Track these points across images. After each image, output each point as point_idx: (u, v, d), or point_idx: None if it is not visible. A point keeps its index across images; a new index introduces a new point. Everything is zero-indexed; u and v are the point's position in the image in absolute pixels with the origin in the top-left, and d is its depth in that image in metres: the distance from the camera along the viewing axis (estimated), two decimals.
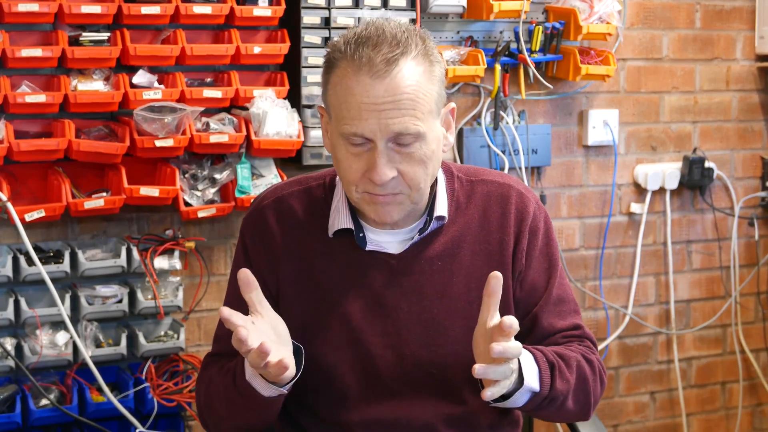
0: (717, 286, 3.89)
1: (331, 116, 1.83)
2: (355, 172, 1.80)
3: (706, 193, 3.79)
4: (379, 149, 1.77)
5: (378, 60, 1.76)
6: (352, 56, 1.77)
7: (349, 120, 1.77)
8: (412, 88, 1.77)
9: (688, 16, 3.70)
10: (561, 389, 1.84)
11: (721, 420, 3.97)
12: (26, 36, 2.82)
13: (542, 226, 1.97)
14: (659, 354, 3.83)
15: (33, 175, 2.88)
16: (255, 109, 2.93)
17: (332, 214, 1.93)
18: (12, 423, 2.78)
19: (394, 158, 1.79)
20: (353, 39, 1.79)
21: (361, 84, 1.76)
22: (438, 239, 1.92)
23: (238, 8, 2.92)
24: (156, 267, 2.91)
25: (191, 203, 2.93)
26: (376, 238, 1.91)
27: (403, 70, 1.76)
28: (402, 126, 1.76)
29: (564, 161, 3.57)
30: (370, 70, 1.76)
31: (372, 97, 1.75)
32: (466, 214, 1.94)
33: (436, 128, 1.83)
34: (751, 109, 3.85)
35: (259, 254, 1.95)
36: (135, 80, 2.87)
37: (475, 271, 1.91)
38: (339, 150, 1.82)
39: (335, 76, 1.80)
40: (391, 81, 1.76)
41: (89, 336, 2.88)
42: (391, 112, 1.76)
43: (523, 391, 1.79)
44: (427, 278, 1.90)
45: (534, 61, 3.32)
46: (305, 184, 1.99)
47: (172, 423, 3.01)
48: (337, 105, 1.80)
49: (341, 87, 1.79)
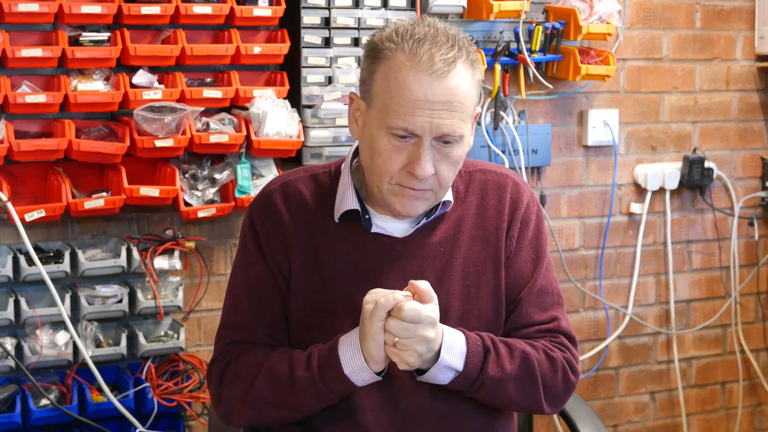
0: (717, 286, 3.89)
1: (373, 105, 1.86)
2: (395, 164, 1.84)
3: (706, 193, 3.79)
4: (425, 145, 1.82)
5: (438, 59, 1.80)
6: (411, 51, 1.81)
7: (401, 114, 1.81)
8: (464, 92, 1.83)
9: (688, 16, 3.70)
10: (493, 375, 1.88)
11: (721, 420, 3.97)
12: (26, 36, 2.82)
13: (534, 218, 2.02)
14: (659, 354, 3.83)
15: (33, 175, 2.88)
16: (255, 109, 2.93)
17: (338, 197, 1.96)
18: (12, 423, 2.78)
19: (435, 157, 1.84)
20: (408, 34, 1.83)
21: (419, 81, 1.80)
22: (440, 226, 1.97)
23: (238, 8, 2.92)
24: (156, 267, 2.92)
25: (191, 203, 2.93)
26: (381, 223, 1.95)
27: (459, 73, 1.82)
28: (451, 128, 1.82)
29: (564, 161, 3.57)
30: (429, 68, 1.80)
31: (429, 95, 1.80)
32: (465, 202, 1.99)
33: (470, 131, 1.90)
34: (751, 109, 3.85)
35: (270, 236, 1.97)
36: (135, 80, 2.87)
37: (471, 255, 1.97)
38: (379, 141, 1.85)
39: (387, 66, 1.83)
40: (448, 83, 1.80)
41: (89, 336, 2.88)
42: (444, 113, 1.81)
43: (440, 367, 1.85)
44: (429, 263, 1.95)
45: (534, 61, 3.32)
46: (311, 171, 2.03)
47: (172, 423, 3.01)
48: (387, 97, 1.83)
49: (395, 80, 1.81)
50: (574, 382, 1.99)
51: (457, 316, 1.94)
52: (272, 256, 1.96)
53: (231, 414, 1.97)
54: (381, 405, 1.91)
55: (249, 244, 2.00)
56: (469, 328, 1.93)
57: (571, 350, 2.00)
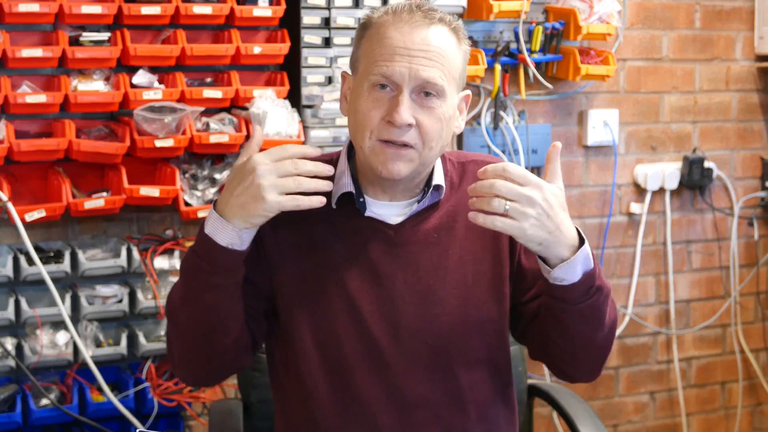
0: (717, 286, 3.89)
1: (359, 69, 1.90)
2: (375, 116, 1.86)
3: (706, 193, 3.79)
4: (404, 93, 1.84)
5: (418, 14, 1.87)
6: (393, 11, 1.88)
7: (381, 62, 1.85)
8: (445, 46, 1.87)
9: (688, 16, 3.70)
10: (605, 286, 1.85)
11: (720, 420, 3.97)
12: (26, 36, 2.82)
13: None
14: (659, 354, 3.83)
15: (33, 175, 2.88)
16: (255, 109, 2.93)
17: (335, 180, 1.96)
18: (12, 423, 2.78)
19: (415, 108, 1.85)
20: (393, 4, 1.91)
21: (399, 30, 1.85)
22: (434, 214, 1.97)
23: (238, 8, 2.92)
24: (156, 267, 2.92)
25: (191, 203, 2.93)
26: (375, 209, 1.96)
27: (441, 31, 1.88)
28: (430, 74, 1.84)
29: (564, 161, 3.57)
30: (409, 20, 1.86)
31: (408, 42, 1.84)
32: (460, 191, 2.00)
33: (455, 98, 1.91)
34: (750, 109, 3.85)
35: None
36: (135, 80, 2.87)
37: (468, 245, 1.97)
38: (361, 97, 1.88)
39: (372, 30, 1.90)
40: (426, 33, 1.86)
41: (89, 336, 2.88)
42: (423, 60, 1.84)
43: (581, 258, 1.79)
44: (424, 250, 1.95)
45: (534, 61, 3.32)
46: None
47: (172, 423, 3.01)
48: (369, 52, 1.88)
49: (377, 36, 1.88)
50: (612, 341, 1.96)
51: (454, 305, 1.93)
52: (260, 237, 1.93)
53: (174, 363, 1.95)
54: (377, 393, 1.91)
55: None
56: (468, 316, 1.93)
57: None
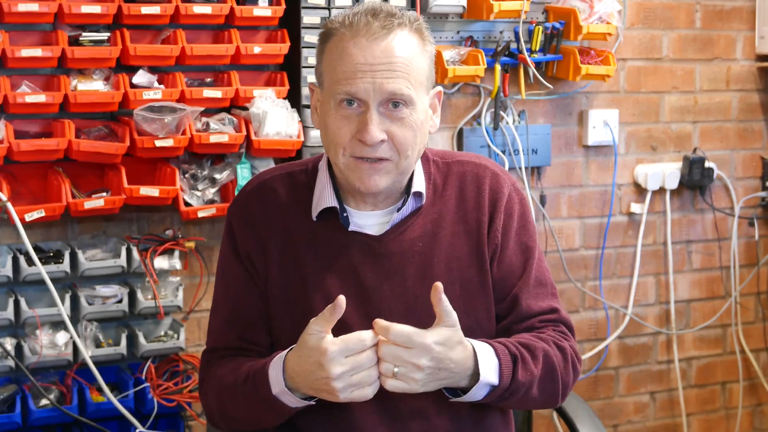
0: (717, 286, 3.89)
1: (324, 85, 1.88)
2: (345, 134, 1.84)
3: (706, 193, 3.79)
4: (372, 110, 1.81)
5: (375, 25, 1.82)
6: (350, 23, 1.83)
7: (343, 81, 1.82)
8: (407, 54, 1.83)
9: (688, 16, 3.70)
10: (523, 381, 1.85)
11: (721, 420, 3.97)
12: (26, 36, 2.82)
13: (518, 208, 1.99)
14: (659, 354, 3.83)
15: (33, 175, 2.88)
16: (255, 109, 2.93)
17: (316, 194, 1.95)
18: (12, 423, 2.78)
19: (385, 122, 1.83)
20: (349, 12, 1.86)
21: (358, 46, 1.81)
22: (417, 221, 1.94)
23: (238, 8, 2.92)
24: (156, 267, 2.92)
25: (191, 203, 2.93)
26: (357, 220, 1.94)
27: (399, 37, 1.83)
28: (396, 86, 1.81)
29: (564, 161, 3.57)
30: (367, 33, 1.82)
31: (368, 57, 1.81)
32: (444, 196, 1.97)
33: (425, 101, 1.88)
34: (751, 109, 3.85)
35: (247, 237, 1.97)
36: (135, 80, 2.87)
37: (454, 251, 1.94)
38: (329, 116, 1.85)
39: (331, 44, 1.86)
40: (387, 45, 1.82)
41: (89, 336, 2.88)
42: (386, 73, 1.81)
43: (481, 386, 1.82)
44: (408, 259, 1.92)
45: (534, 61, 3.32)
46: (288, 169, 2.03)
47: (172, 423, 3.01)
48: (332, 69, 1.84)
49: (337, 51, 1.83)
50: (579, 370, 1.98)
51: None
52: (248, 257, 1.95)
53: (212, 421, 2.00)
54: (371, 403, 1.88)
55: (227, 248, 2.00)
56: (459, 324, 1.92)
57: (572, 339, 1.98)
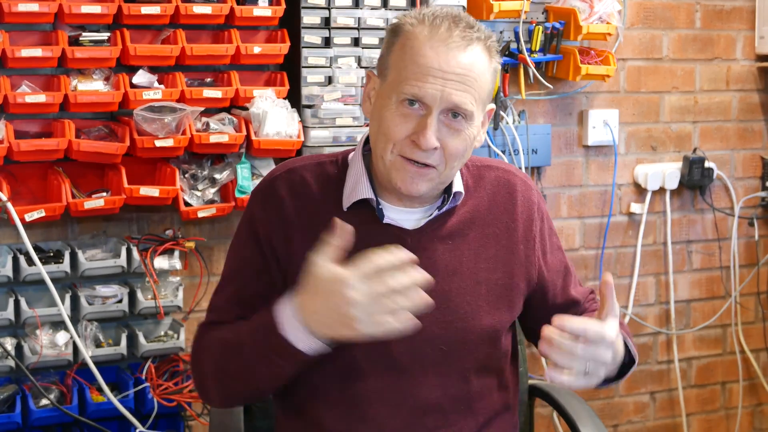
0: (717, 286, 3.89)
1: (388, 77, 1.86)
2: (400, 132, 1.83)
3: (706, 193, 3.79)
4: (433, 116, 1.82)
5: (456, 34, 1.83)
6: (431, 24, 1.83)
7: (413, 81, 1.82)
8: (479, 71, 1.84)
9: (688, 16, 3.70)
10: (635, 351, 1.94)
11: (721, 420, 3.97)
12: (26, 36, 2.82)
13: (545, 210, 2.07)
14: (659, 354, 3.83)
15: (33, 175, 2.88)
16: (255, 109, 2.93)
17: (349, 186, 1.94)
18: (12, 423, 2.78)
19: (442, 129, 1.84)
20: (431, 12, 1.86)
21: (435, 50, 1.81)
22: (450, 219, 1.96)
23: (238, 8, 2.92)
24: (156, 267, 2.92)
25: (191, 203, 2.93)
26: (392, 214, 1.94)
27: (475, 51, 1.84)
28: (461, 100, 1.82)
29: (564, 161, 3.57)
30: (446, 39, 1.82)
31: (443, 64, 1.81)
32: (475, 197, 1.99)
33: (480, 117, 1.90)
34: (751, 109, 3.85)
35: (270, 225, 1.93)
36: (135, 80, 2.87)
37: (483, 252, 1.96)
38: (387, 109, 1.84)
39: (405, 37, 1.85)
40: (463, 56, 1.82)
41: (89, 336, 2.88)
42: (456, 84, 1.81)
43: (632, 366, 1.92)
44: (440, 255, 1.93)
45: (534, 61, 3.32)
46: (317, 159, 2.01)
47: (172, 423, 3.01)
48: (401, 65, 1.84)
49: (411, 48, 1.83)
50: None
51: (468, 312, 1.92)
52: (269, 243, 1.92)
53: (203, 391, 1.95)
54: (387, 397, 1.89)
55: (243, 230, 1.97)
56: (480, 324, 1.93)
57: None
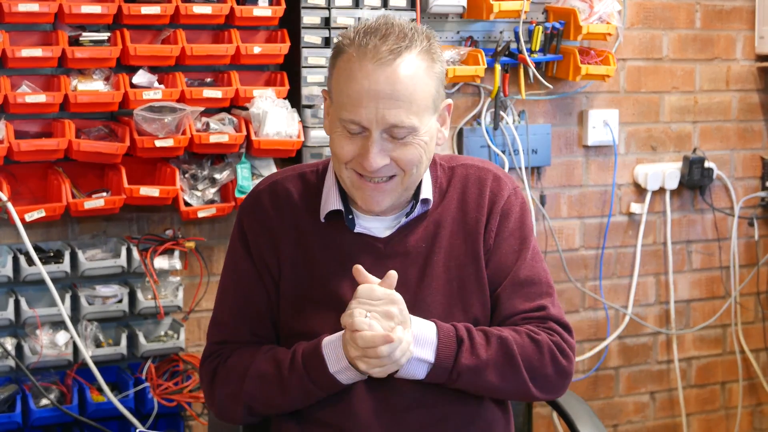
0: (717, 286, 3.89)
1: (333, 99, 1.91)
2: (347, 154, 1.88)
3: (706, 193, 3.79)
4: (373, 138, 1.85)
5: (383, 49, 1.83)
6: (359, 43, 1.85)
7: (349, 107, 1.84)
8: (411, 81, 1.84)
9: (688, 16, 3.70)
10: (468, 363, 1.89)
11: (721, 420, 3.97)
12: (26, 36, 2.82)
13: (516, 210, 2.02)
14: (659, 354, 3.83)
15: (33, 175, 2.88)
16: (255, 109, 2.93)
17: (323, 196, 2.00)
18: (12, 423, 2.78)
19: (387, 147, 1.86)
20: (363, 29, 1.87)
21: (364, 71, 1.83)
22: (422, 224, 1.99)
23: (238, 8, 2.92)
24: (156, 267, 2.92)
25: (191, 203, 2.93)
26: (364, 222, 1.98)
27: (406, 62, 1.84)
28: (397, 118, 1.83)
29: (564, 161, 3.57)
30: (374, 57, 1.83)
31: (373, 84, 1.82)
32: (446, 197, 2.01)
33: (430, 123, 1.90)
34: (751, 109, 3.85)
35: (258, 236, 2.01)
36: (135, 80, 2.87)
37: (453, 250, 1.98)
38: (334, 132, 1.90)
39: (341, 61, 1.88)
40: (393, 71, 1.83)
41: (89, 336, 2.88)
42: (389, 102, 1.82)
43: (412, 361, 1.87)
44: (411, 260, 1.97)
45: (534, 61, 3.32)
46: (300, 170, 2.07)
47: (172, 423, 3.01)
48: (338, 89, 1.87)
49: (345, 72, 1.86)
50: (565, 366, 1.96)
51: (441, 312, 1.95)
52: (260, 255, 2.00)
53: (226, 412, 2.02)
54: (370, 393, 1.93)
55: (236, 244, 2.04)
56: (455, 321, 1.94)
57: (561, 335, 1.97)
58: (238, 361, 1.99)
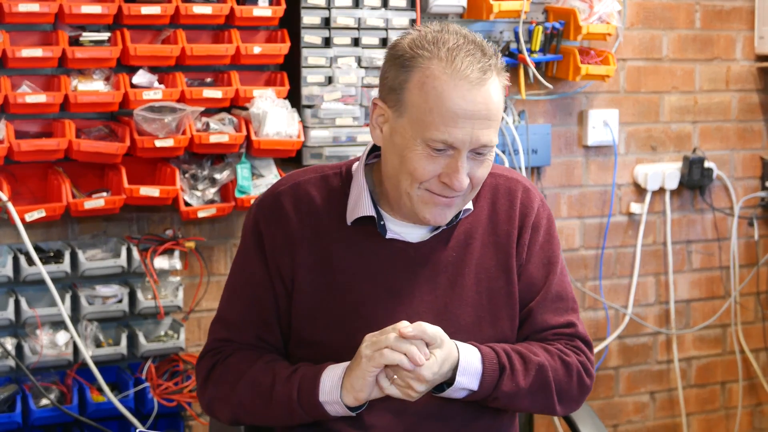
0: (717, 286, 3.89)
1: (405, 114, 1.82)
2: (428, 173, 1.82)
3: (706, 193, 3.79)
4: (463, 157, 1.80)
5: (476, 68, 1.78)
6: (449, 60, 1.78)
7: (441, 126, 1.78)
8: (499, 101, 1.82)
9: (688, 16, 3.70)
10: (508, 391, 1.89)
11: (720, 420, 3.97)
12: (26, 36, 2.82)
13: (544, 223, 2.01)
14: (659, 354, 3.83)
15: (33, 175, 2.88)
16: (255, 109, 2.93)
17: (352, 202, 1.94)
18: (12, 423, 2.78)
19: (470, 165, 1.83)
20: (440, 41, 1.80)
21: (459, 92, 1.77)
22: (453, 233, 1.96)
23: (238, 8, 2.92)
24: (156, 267, 2.92)
25: (191, 203, 2.93)
26: (396, 228, 1.94)
27: (494, 83, 1.81)
28: (488, 138, 1.81)
29: (564, 161, 3.57)
30: (468, 77, 1.78)
31: (470, 105, 1.77)
32: (477, 207, 1.98)
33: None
34: (751, 109, 3.85)
35: (274, 239, 1.95)
36: (135, 80, 2.87)
37: (484, 262, 1.96)
38: (412, 151, 1.81)
39: (423, 75, 1.79)
40: (486, 91, 1.79)
41: (89, 336, 2.88)
42: (483, 122, 1.79)
43: (455, 389, 1.86)
44: (442, 268, 1.94)
45: (534, 61, 3.32)
46: (321, 173, 2.00)
47: (172, 423, 3.01)
48: (425, 107, 1.79)
49: (434, 90, 1.78)
50: (588, 385, 2.00)
51: (468, 323, 1.93)
52: (274, 260, 1.95)
53: (212, 410, 2.00)
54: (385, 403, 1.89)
55: (250, 244, 1.98)
56: (482, 334, 1.93)
57: (586, 354, 2.00)
58: (237, 363, 1.96)
